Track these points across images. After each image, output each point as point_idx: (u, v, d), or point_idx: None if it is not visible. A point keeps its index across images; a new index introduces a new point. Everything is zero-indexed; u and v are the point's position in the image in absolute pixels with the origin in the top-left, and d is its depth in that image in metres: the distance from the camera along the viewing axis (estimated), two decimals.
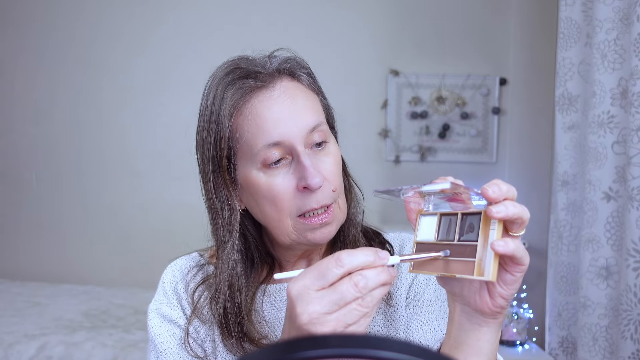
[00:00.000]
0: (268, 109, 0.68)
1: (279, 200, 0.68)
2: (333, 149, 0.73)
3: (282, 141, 0.68)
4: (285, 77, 0.72)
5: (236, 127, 0.69)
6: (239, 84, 0.70)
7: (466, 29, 2.59)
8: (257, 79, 0.70)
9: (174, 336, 0.76)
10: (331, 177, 0.70)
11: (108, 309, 2.22)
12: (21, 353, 1.76)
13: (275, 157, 0.68)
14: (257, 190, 0.70)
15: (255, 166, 0.69)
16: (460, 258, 0.52)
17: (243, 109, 0.69)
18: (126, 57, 2.72)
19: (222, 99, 0.70)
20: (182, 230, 2.67)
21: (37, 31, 2.76)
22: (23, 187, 2.79)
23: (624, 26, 1.63)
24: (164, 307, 0.78)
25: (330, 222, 0.70)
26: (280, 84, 0.71)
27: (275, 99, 0.69)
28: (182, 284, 0.79)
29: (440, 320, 0.77)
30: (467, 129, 2.56)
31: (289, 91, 0.71)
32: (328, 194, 0.69)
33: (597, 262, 1.68)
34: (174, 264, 0.83)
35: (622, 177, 1.63)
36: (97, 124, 2.74)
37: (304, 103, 0.71)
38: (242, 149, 0.70)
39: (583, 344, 1.72)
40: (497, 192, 0.50)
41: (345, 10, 2.62)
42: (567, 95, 1.92)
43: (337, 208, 0.72)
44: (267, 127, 0.68)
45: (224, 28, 2.65)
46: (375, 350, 0.25)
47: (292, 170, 0.69)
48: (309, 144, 0.70)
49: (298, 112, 0.69)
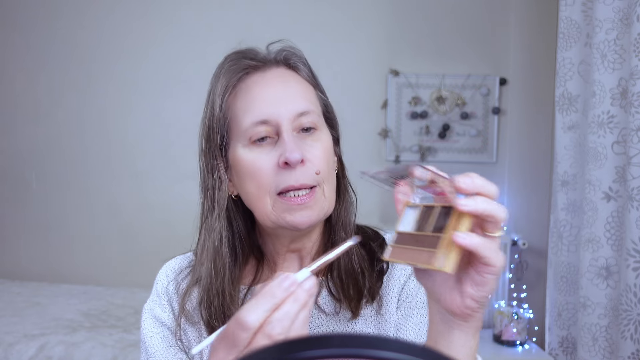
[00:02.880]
0: (260, 89, 0.71)
1: (259, 176, 0.69)
2: (323, 137, 0.73)
3: (269, 120, 0.69)
4: (282, 65, 0.75)
5: (229, 105, 0.72)
6: (235, 63, 0.74)
7: (466, 29, 2.59)
8: (253, 59, 0.74)
9: (164, 338, 0.76)
10: (316, 161, 0.70)
11: (108, 309, 2.22)
12: (21, 353, 1.76)
13: (261, 134, 0.69)
14: (241, 167, 0.71)
15: (242, 143, 0.71)
16: (428, 248, 0.50)
17: (237, 88, 0.73)
18: (127, 58, 2.72)
19: (219, 78, 0.74)
20: (183, 230, 2.66)
21: (38, 31, 2.76)
22: (23, 187, 2.79)
23: (624, 26, 1.63)
24: (156, 307, 0.79)
25: (310, 205, 0.69)
26: (276, 69, 0.74)
27: (268, 81, 0.72)
28: (174, 285, 0.79)
29: None
30: (467, 129, 2.56)
31: (284, 77, 0.73)
32: (310, 175, 0.69)
33: (597, 262, 1.68)
34: (168, 264, 0.83)
35: (622, 177, 1.63)
36: (97, 124, 2.74)
37: (296, 89, 0.72)
38: (233, 127, 0.72)
39: (583, 344, 1.72)
40: (468, 184, 0.47)
41: (345, 10, 2.62)
42: (567, 95, 1.93)
43: (322, 194, 0.71)
44: (257, 105, 0.70)
45: (225, 29, 2.65)
46: (376, 350, 0.25)
47: (276, 147, 0.69)
48: (297, 128, 0.71)
49: (288, 96, 0.71)
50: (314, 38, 2.60)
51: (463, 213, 0.48)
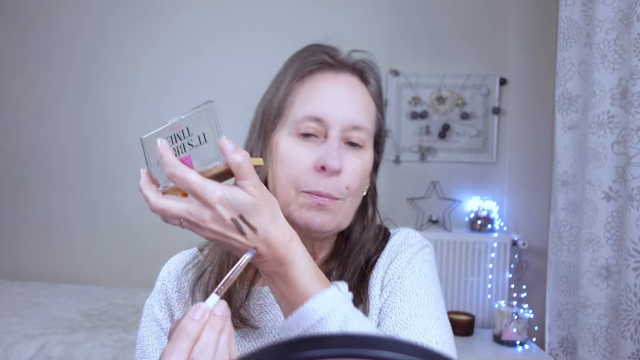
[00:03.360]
0: (326, 87, 0.71)
1: (293, 168, 0.69)
2: (365, 157, 0.73)
3: (322, 119, 0.69)
4: (356, 74, 0.75)
5: (293, 90, 0.72)
6: (313, 55, 0.74)
7: (466, 29, 2.59)
8: (332, 58, 0.74)
9: (158, 339, 0.75)
10: (351, 175, 0.70)
11: (108, 308, 2.22)
12: (21, 353, 1.76)
13: (309, 130, 0.70)
14: (279, 153, 0.70)
15: (289, 131, 0.71)
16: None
17: (306, 77, 0.73)
18: (128, 58, 2.72)
19: (292, 63, 0.74)
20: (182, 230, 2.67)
21: (38, 31, 2.76)
22: (23, 187, 2.79)
23: (624, 26, 1.63)
24: (155, 305, 0.78)
25: (329, 209, 0.68)
26: (349, 76, 0.74)
27: (337, 83, 0.72)
28: (175, 283, 0.78)
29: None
30: (467, 129, 2.56)
31: (353, 86, 0.73)
32: (339, 187, 0.69)
33: (597, 262, 1.69)
34: (171, 260, 0.82)
35: (622, 177, 1.63)
36: (98, 124, 2.74)
37: (360, 101, 0.73)
38: (287, 113, 0.72)
39: (583, 344, 1.72)
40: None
41: (345, 10, 2.62)
42: (567, 95, 1.93)
43: (342, 207, 0.70)
44: (317, 101, 0.70)
45: (225, 29, 2.65)
46: (376, 350, 0.25)
47: (318, 149, 0.69)
48: (345, 139, 0.71)
49: (349, 105, 0.71)
50: (313, 38, 2.60)
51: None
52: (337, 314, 0.56)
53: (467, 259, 2.40)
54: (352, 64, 0.75)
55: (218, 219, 0.54)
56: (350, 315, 0.57)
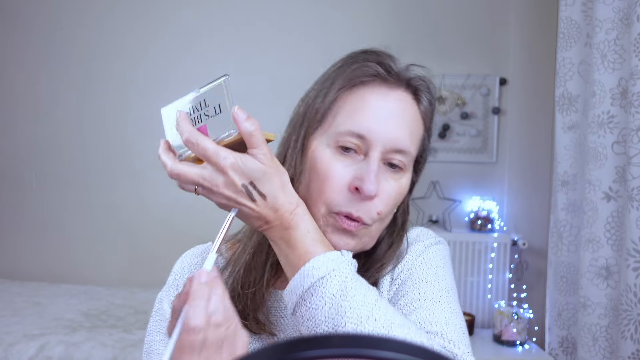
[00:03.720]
0: (374, 102, 0.67)
1: (327, 185, 0.66)
2: (403, 181, 0.70)
3: (366, 136, 0.66)
4: (410, 91, 0.70)
5: (338, 99, 0.69)
6: (366, 65, 0.69)
7: (466, 29, 2.59)
8: (387, 71, 0.69)
9: (167, 337, 0.73)
10: (385, 200, 0.67)
11: (108, 309, 2.22)
12: (21, 353, 1.76)
13: (349, 145, 0.66)
14: (314, 164, 0.68)
15: (327, 141, 0.68)
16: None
17: (355, 88, 0.68)
18: (127, 57, 2.72)
19: (344, 69, 0.70)
20: (182, 230, 2.67)
21: (38, 30, 2.76)
22: (23, 187, 2.79)
23: (624, 26, 1.63)
24: (165, 300, 0.76)
25: (355, 234, 0.67)
26: (402, 92, 0.69)
27: (387, 100, 0.68)
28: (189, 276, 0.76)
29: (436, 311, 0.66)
30: (467, 129, 2.56)
31: (405, 104, 0.69)
32: (371, 213, 0.66)
33: (597, 262, 1.68)
34: (185, 255, 0.80)
35: (622, 177, 1.63)
36: (97, 124, 2.74)
37: (408, 123, 0.68)
38: (329, 120, 0.68)
39: (583, 344, 1.72)
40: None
41: (345, 10, 2.62)
42: (567, 95, 1.93)
43: (369, 231, 0.68)
44: (363, 117, 0.66)
45: (224, 28, 2.65)
46: (376, 350, 0.25)
47: (356, 168, 0.66)
48: (385, 160, 0.67)
49: (397, 126, 0.67)
50: (313, 38, 2.60)
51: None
52: (338, 275, 0.57)
53: (467, 259, 2.40)
54: (407, 80, 0.70)
55: (230, 185, 0.56)
56: (352, 278, 0.57)
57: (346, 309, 0.55)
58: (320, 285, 0.56)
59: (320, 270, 0.57)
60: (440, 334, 0.63)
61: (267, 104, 2.78)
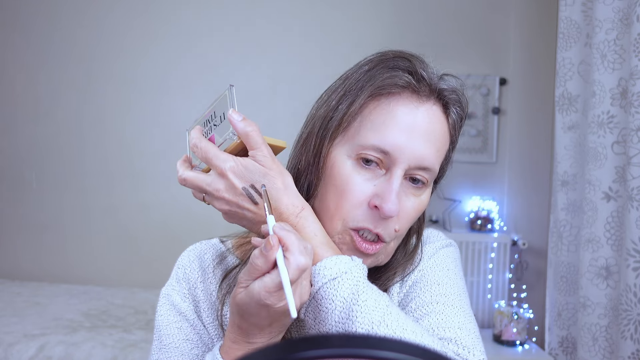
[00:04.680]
0: (403, 115, 0.63)
1: (345, 200, 0.63)
2: (424, 197, 0.67)
3: (391, 153, 0.62)
4: (439, 104, 0.66)
5: (363, 109, 0.64)
6: (396, 74, 0.65)
7: (466, 29, 2.59)
8: (417, 81, 0.65)
9: (181, 330, 0.71)
10: (404, 218, 0.65)
11: (108, 309, 2.22)
12: (21, 353, 1.76)
13: (371, 158, 0.63)
14: (333, 174, 0.64)
15: (349, 151, 0.64)
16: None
17: (383, 98, 0.64)
18: (126, 56, 2.72)
19: (374, 75, 0.65)
20: (182, 230, 2.67)
21: (37, 30, 2.76)
22: (23, 187, 2.79)
23: (623, 26, 1.63)
24: (175, 294, 0.73)
25: (370, 255, 0.65)
26: (432, 105, 0.65)
27: (417, 114, 0.64)
28: (198, 270, 0.73)
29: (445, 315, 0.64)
30: (467, 129, 2.56)
31: (433, 119, 0.65)
32: (388, 228, 0.64)
33: (597, 262, 1.69)
34: (192, 249, 0.77)
35: (622, 177, 1.63)
36: (97, 124, 2.74)
37: (435, 139, 0.65)
38: (353, 131, 0.64)
39: (583, 343, 1.72)
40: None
41: (345, 10, 2.62)
42: (567, 95, 1.93)
43: (385, 249, 0.66)
44: (388, 132, 0.62)
45: (224, 28, 2.65)
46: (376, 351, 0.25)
47: (377, 183, 0.63)
48: (408, 175, 0.64)
49: (424, 143, 0.63)
50: (313, 38, 2.60)
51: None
52: (350, 278, 0.56)
53: (467, 259, 2.40)
54: (438, 92, 0.66)
55: (230, 188, 0.57)
56: (363, 282, 0.56)
57: (357, 314, 0.54)
58: (332, 287, 0.55)
59: (332, 270, 0.56)
60: (454, 340, 0.61)
61: (267, 104, 2.79)
